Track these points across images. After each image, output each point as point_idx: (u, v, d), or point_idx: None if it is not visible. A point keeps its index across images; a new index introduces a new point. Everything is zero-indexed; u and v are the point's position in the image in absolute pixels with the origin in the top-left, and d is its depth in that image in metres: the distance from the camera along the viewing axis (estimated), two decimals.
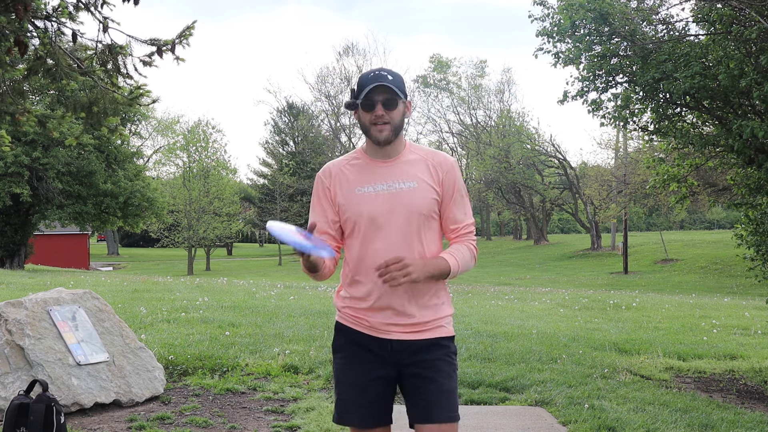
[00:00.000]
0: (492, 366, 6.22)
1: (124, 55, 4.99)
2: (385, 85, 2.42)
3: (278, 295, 12.02)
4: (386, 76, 2.45)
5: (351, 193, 2.52)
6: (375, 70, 2.48)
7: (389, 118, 2.45)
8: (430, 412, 2.45)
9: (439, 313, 2.54)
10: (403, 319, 2.49)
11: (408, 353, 2.50)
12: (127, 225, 33.64)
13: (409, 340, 2.50)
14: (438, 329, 2.53)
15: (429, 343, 2.51)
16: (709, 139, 6.53)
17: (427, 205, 2.49)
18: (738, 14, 5.95)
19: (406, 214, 2.47)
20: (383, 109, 2.44)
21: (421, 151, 2.58)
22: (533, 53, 7.27)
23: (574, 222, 63.06)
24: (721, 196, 16.16)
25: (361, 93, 2.45)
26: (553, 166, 53.23)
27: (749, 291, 23.55)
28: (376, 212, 2.47)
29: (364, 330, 2.53)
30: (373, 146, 2.52)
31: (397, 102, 2.46)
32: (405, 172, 2.51)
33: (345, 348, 2.57)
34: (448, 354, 2.52)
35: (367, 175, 2.52)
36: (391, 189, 2.49)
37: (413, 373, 2.49)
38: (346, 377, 2.54)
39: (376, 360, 2.51)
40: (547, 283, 28.02)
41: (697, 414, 5.05)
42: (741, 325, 10.14)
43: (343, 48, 70.70)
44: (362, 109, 2.47)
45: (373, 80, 2.44)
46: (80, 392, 4.67)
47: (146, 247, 71.93)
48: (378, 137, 2.47)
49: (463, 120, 62.04)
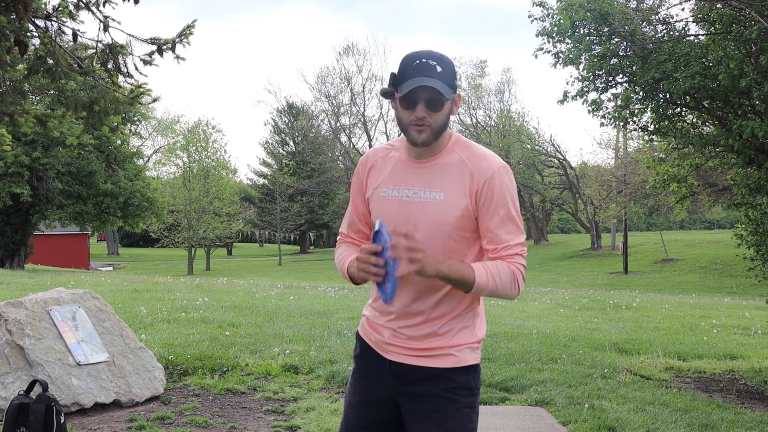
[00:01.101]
0: (492, 366, 6.22)
1: (124, 55, 4.99)
2: (431, 86, 2.01)
3: (278, 295, 12.02)
4: (434, 67, 2.02)
5: (377, 193, 2.21)
6: (421, 56, 2.05)
7: (431, 121, 2.06)
8: None
9: (456, 340, 2.15)
10: (404, 341, 2.17)
11: (405, 380, 2.17)
12: (127, 225, 33.67)
13: (406, 364, 2.16)
14: (444, 358, 2.14)
15: (432, 373, 2.14)
16: (709, 139, 6.53)
17: (451, 223, 2.09)
18: (738, 14, 5.95)
19: (423, 228, 2.10)
20: (425, 110, 2.05)
21: (467, 151, 2.14)
22: (533, 53, 7.27)
23: (574, 222, 63.06)
24: (721, 196, 16.15)
25: (403, 85, 2.03)
26: (553, 166, 53.24)
27: (749, 291, 23.55)
28: (394, 220, 2.10)
29: (370, 343, 2.28)
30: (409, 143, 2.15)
31: (443, 102, 2.05)
32: (436, 178, 2.12)
33: (356, 359, 2.33)
34: (452, 390, 2.12)
35: (397, 174, 2.18)
36: (415, 197, 2.13)
37: (407, 407, 2.18)
38: (348, 392, 2.32)
39: (375, 378, 2.24)
40: (547, 283, 28.01)
41: (697, 414, 5.05)
42: (741, 325, 10.15)
43: (343, 48, 70.83)
44: (401, 105, 2.07)
45: (419, 73, 2.02)
46: (80, 392, 4.67)
47: (146, 247, 71.96)
48: (416, 139, 2.08)
49: (463, 120, 62.03)
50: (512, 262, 2.09)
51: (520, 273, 2.09)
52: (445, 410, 2.11)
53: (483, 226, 2.11)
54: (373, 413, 2.24)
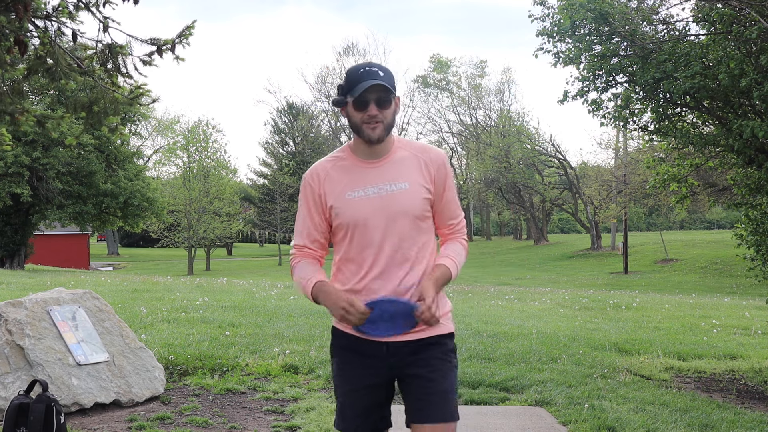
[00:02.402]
0: (492, 366, 6.22)
1: (124, 55, 4.99)
2: (379, 83, 2.33)
3: (278, 295, 12.02)
4: (377, 72, 2.36)
5: (342, 198, 2.44)
6: (364, 66, 2.39)
7: (382, 117, 2.38)
8: (425, 412, 2.41)
9: (441, 311, 2.46)
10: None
11: (404, 353, 2.45)
12: (127, 225, 33.66)
13: (405, 341, 2.44)
14: (437, 327, 2.47)
15: (426, 342, 2.45)
16: (709, 139, 6.53)
17: (420, 206, 2.44)
18: (738, 14, 5.95)
19: (399, 217, 2.41)
20: (376, 108, 2.36)
21: (411, 146, 2.51)
22: (533, 53, 7.27)
23: (574, 222, 63.05)
24: (721, 196, 16.14)
25: (352, 90, 2.36)
26: (553, 166, 53.23)
27: (749, 291, 23.55)
28: (368, 217, 2.40)
29: (357, 334, 2.45)
30: (362, 145, 2.45)
31: (390, 100, 2.38)
32: (396, 172, 2.44)
33: (339, 353, 2.52)
34: (445, 352, 2.47)
35: (356, 178, 2.44)
36: (382, 192, 2.42)
37: (409, 374, 2.45)
38: (342, 384, 2.51)
39: (370, 365, 2.46)
40: (547, 283, 28.01)
41: (697, 414, 5.05)
42: (741, 325, 10.14)
43: (343, 48, 70.79)
44: (354, 108, 2.39)
45: (365, 77, 2.34)
46: (80, 392, 4.67)
47: (146, 247, 71.93)
48: (371, 136, 2.39)
49: (463, 120, 62.09)
50: (461, 237, 2.60)
51: (466, 242, 2.62)
52: (443, 370, 2.45)
53: (441, 203, 2.52)
54: (374, 397, 2.49)
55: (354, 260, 2.46)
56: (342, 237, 2.48)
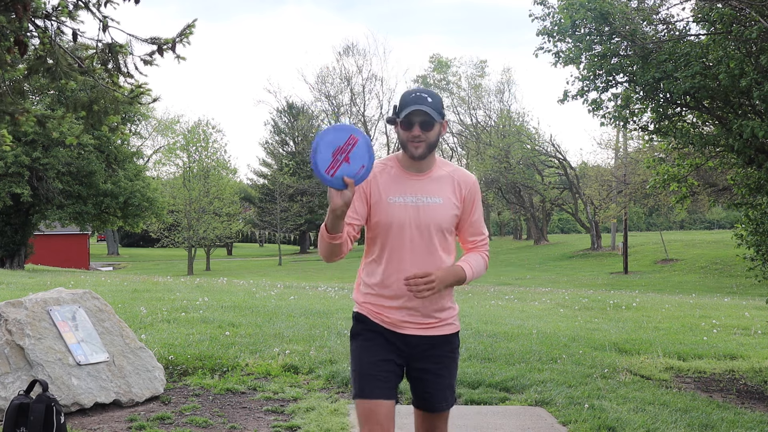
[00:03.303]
0: (492, 366, 6.22)
1: (124, 54, 4.99)
2: (424, 110, 2.65)
3: (278, 295, 12.02)
4: (426, 98, 2.68)
5: (383, 200, 2.76)
6: (416, 91, 2.71)
7: (425, 138, 2.70)
8: (432, 403, 2.84)
9: (450, 313, 2.85)
10: (419, 318, 2.78)
11: (420, 348, 2.79)
12: (127, 225, 33.65)
13: (421, 335, 2.78)
14: (447, 326, 2.84)
15: (438, 340, 2.81)
16: (709, 139, 6.53)
17: (449, 221, 2.78)
18: (738, 14, 5.95)
19: (429, 227, 2.75)
20: (420, 130, 2.68)
21: (449, 167, 2.86)
22: (533, 52, 7.27)
23: (574, 222, 63.06)
24: (721, 196, 16.15)
25: (402, 112, 2.69)
26: (553, 166, 53.21)
27: (749, 291, 23.55)
28: (404, 222, 2.73)
29: (381, 323, 2.78)
30: (407, 159, 2.77)
31: (433, 124, 2.69)
32: (433, 188, 2.78)
33: (364, 333, 2.80)
34: (452, 350, 2.86)
35: (399, 185, 2.77)
36: (419, 202, 2.75)
37: (421, 367, 2.81)
38: (367, 355, 2.76)
39: (390, 346, 2.77)
40: (547, 283, 28.02)
41: (697, 414, 5.05)
42: (741, 325, 10.14)
43: (343, 48, 70.84)
44: (402, 127, 2.72)
45: (414, 102, 2.67)
46: (80, 392, 4.66)
47: (146, 247, 71.94)
48: (414, 153, 2.71)
49: (463, 120, 62.04)
50: (483, 251, 2.92)
51: (487, 257, 2.93)
52: (449, 366, 2.85)
53: (467, 222, 2.86)
54: (393, 369, 2.77)
55: (381, 259, 2.78)
56: (377, 236, 2.79)
